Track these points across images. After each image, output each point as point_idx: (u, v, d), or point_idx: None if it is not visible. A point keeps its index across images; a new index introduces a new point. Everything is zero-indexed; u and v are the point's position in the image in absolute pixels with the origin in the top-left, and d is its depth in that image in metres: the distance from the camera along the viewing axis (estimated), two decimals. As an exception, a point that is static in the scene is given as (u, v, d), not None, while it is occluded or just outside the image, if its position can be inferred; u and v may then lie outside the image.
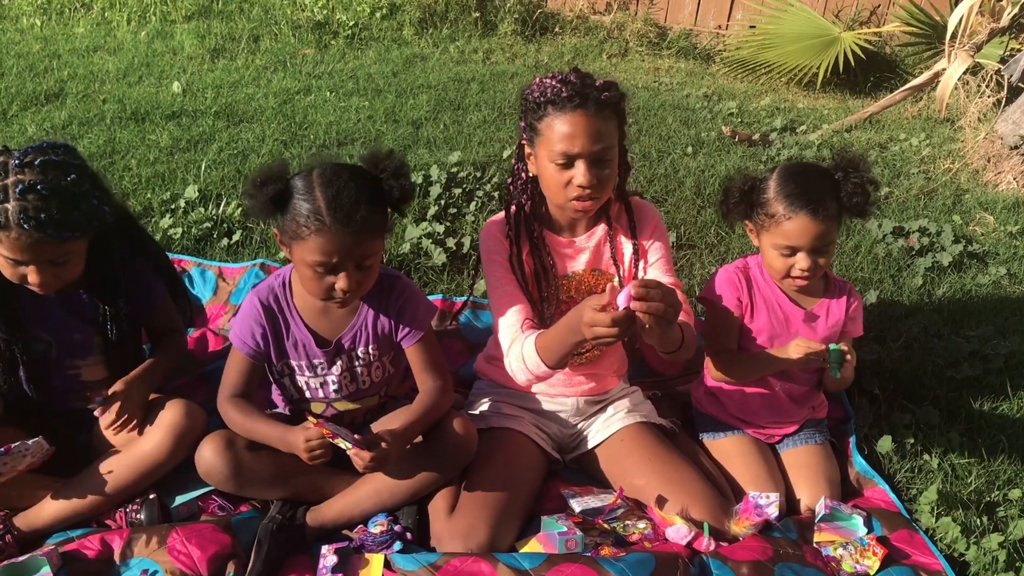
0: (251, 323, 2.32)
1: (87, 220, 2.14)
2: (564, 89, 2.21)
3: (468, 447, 2.36)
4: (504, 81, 6.00)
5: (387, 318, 2.37)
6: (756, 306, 2.55)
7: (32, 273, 2.14)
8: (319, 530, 2.32)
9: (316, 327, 2.35)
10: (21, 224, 2.02)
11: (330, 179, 2.10)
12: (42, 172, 2.06)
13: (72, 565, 2.14)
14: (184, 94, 5.30)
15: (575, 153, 2.24)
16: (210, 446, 2.26)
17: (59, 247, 2.12)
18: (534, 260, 2.45)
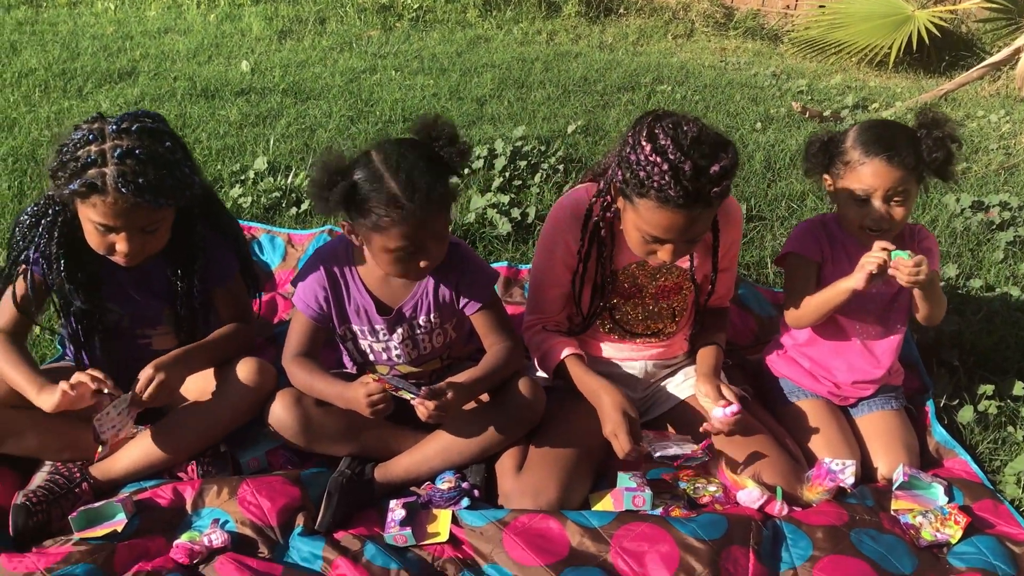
0: (315, 286, 2.33)
1: (180, 188, 2.14)
2: (674, 187, 2.02)
3: (536, 407, 2.34)
4: (568, 60, 5.96)
5: (448, 287, 2.35)
6: (836, 258, 2.50)
7: (121, 241, 2.13)
8: (387, 486, 2.32)
9: (378, 294, 2.35)
10: (119, 188, 2.02)
11: (396, 162, 2.06)
12: (139, 138, 2.07)
13: (145, 513, 2.18)
14: (252, 73, 5.38)
15: (666, 239, 2.18)
16: (281, 402, 2.28)
17: (153, 214, 2.13)
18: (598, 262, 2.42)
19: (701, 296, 2.52)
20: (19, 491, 2.18)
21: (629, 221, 2.23)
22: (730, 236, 2.48)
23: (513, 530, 2.10)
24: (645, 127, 2.11)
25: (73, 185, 2.04)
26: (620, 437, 2.22)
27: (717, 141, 2.09)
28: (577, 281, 2.45)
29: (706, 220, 2.19)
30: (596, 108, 5.03)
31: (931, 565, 2.11)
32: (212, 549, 2.07)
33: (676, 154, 2.03)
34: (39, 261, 2.24)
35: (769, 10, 7.19)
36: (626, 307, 2.51)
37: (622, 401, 2.28)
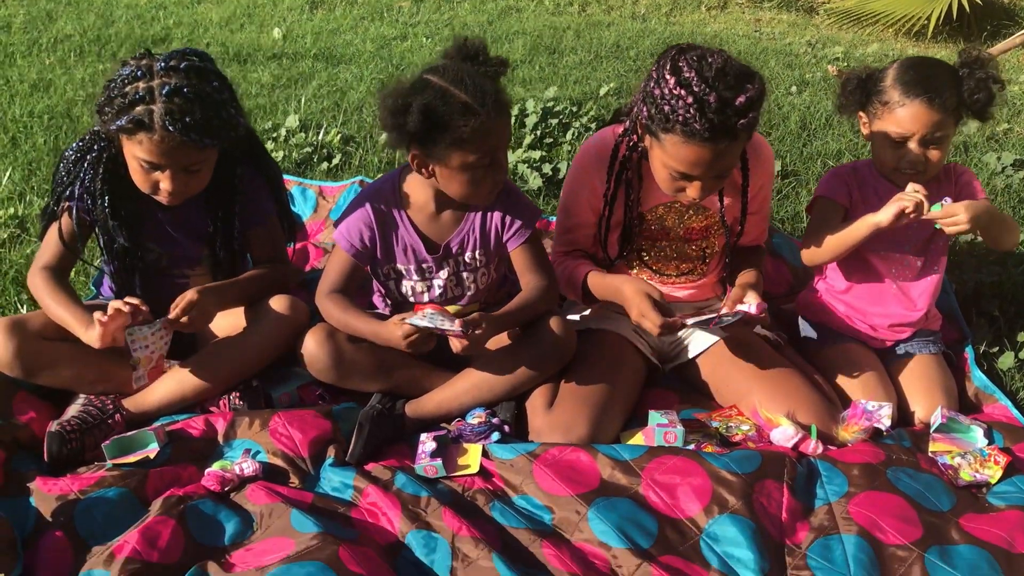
0: (360, 225, 2.32)
1: (226, 128, 2.14)
2: (699, 120, 2.00)
3: (567, 346, 2.32)
4: (600, 30, 5.92)
5: (495, 219, 2.34)
6: (867, 201, 2.45)
7: (166, 180, 2.14)
8: (418, 421, 2.31)
9: (426, 231, 2.34)
10: (166, 126, 2.02)
11: (456, 76, 2.07)
12: (187, 76, 2.06)
13: (177, 442, 2.19)
14: (284, 39, 5.39)
15: (695, 175, 2.16)
16: (313, 337, 2.27)
17: (198, 153, 2.13)
18: (626, 204, 2.40)
19: (731, 237, 2.49)
20: (53, 420, 2.20)
21: (656, 158, 2.20)
22: (760, 177, 2.45)
23: (543, 462, 2.09)
24: (669, 60, 2.09)
25: (120, 121, 2.05)
26: (648, 315, 2.19)
27: (742, 72, 2.06)
28: (603, 224, 2.42)
29: (734, 154, 2.16)
30: (629, 72, 4.99)
31: (970, 503, 2.07)
32: (243, 477, 2.08)
33: (701, 86, 2.01)
34: (83, 197, 2.25)
35: (805, -19, 7.09)
36: (653, 249, 2.48)
37: (643, 285, 2.26)
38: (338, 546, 1.79)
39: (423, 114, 2.03)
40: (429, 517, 1.97)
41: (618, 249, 2.48)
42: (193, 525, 1.92)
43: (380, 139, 3.87)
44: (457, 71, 2.09)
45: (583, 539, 1.93)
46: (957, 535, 1.95)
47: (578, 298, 2.46)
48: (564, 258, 2.52)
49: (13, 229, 3.07)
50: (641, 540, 1.91)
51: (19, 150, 3.67)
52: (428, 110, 2.03)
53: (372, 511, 2.01)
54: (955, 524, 1.98)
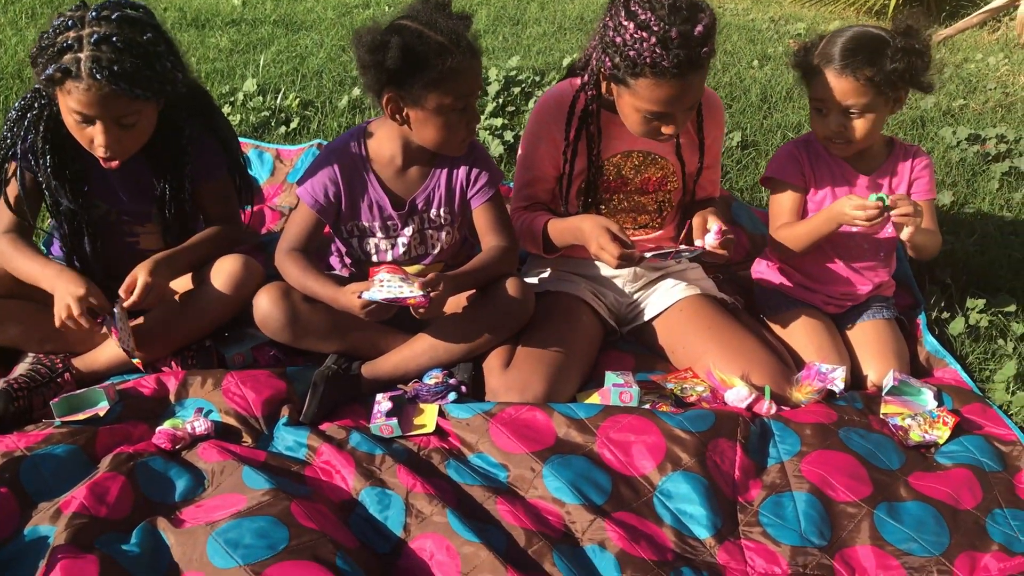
0: (325, 180, 2.29)
1: (160, 81, 2.08)
2: (666, 57, 2.03)
3: (525, 307, 2.32)
4: (564, 3, 5.87)
5: (461, 175, 2.33)
6: (819, 177, 2.48)
7: (99, 133, 2.08)
8: (374, 382, 2.29)
9: (392, 187, 2.33)
10: (93, 74, 1.96)
11: (429, 20, 2.08)
12: (118, 26, 2.01)
13: (128, 400, 2.16)
14: (244, 5, 5.29)
15: (669, 112, 2.17)
16: (267, 295, 2.24)
17: (128, 104, 2.06)
18: (588, 158, 2.40)
19: (688, 184, 2.52)
20: (0, 378, 2.15)
21: (627, 104, 2.21)
22: (714, 127, 2.49)
23: (499, 421, 2.09)
24: (621, 7, 2.12)
25: (49, 70, 1.99)
26: (607, 247, 2.19)
27: (693, 3, 2.09)
28: (565, 177, 2.43)
29: (700, 84, 2.20)
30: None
31: (918, 462, 2.10)
32: (195, 436, 2.06)
33: (660, 25, 2.04)
34: (27, 156, 2.20)
35: (768, -41, 7.10)
36: (611, 200, 2.49)
37: (601, 220, 2.26)
38: (291, 502, 1.78)
39: (401, 51, 2.02)
40: (383, 475, 1.96)
41: (579, 203, 2.47)
42: (143, 481, 1.89)
43: (340, 104, 3.82)
44: (430, 15, 2.09)
45: (537, 496, 1.93)
46: (905, 492, 1.99)
47: (539, 249, 2.45)
48: (523, 212, 2.51)
49: (-41, 188, 2.98)
50: (595, 496, 1.91)
51: (-33, 110, 3.58)
52: (406, 47, 2.02)
53: (326, 469, 2.00)
54: (904, 482, 2.02)
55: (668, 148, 2.45)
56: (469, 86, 2.14)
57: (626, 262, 2.19)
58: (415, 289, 2.07)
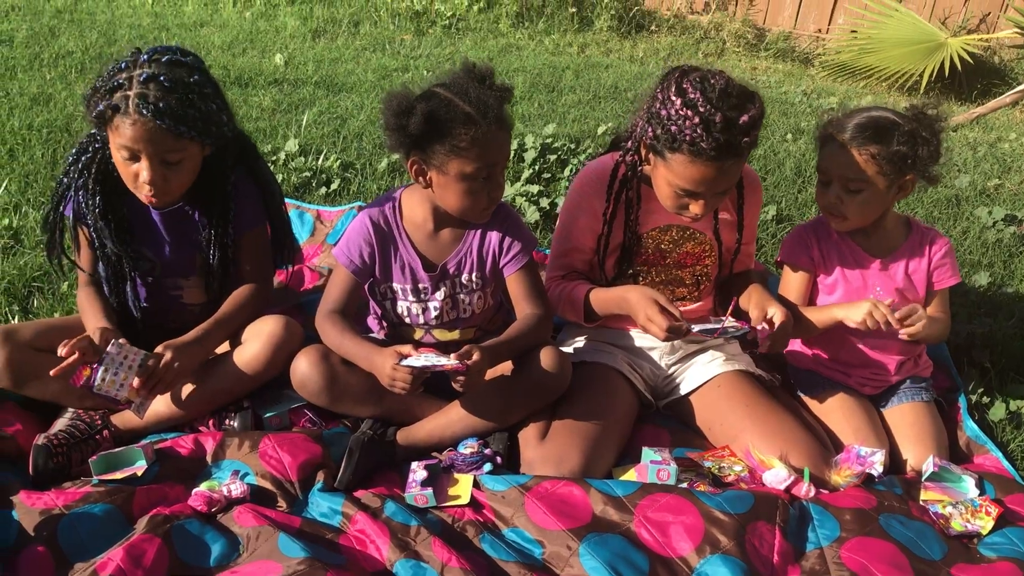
0: (360, 241, 2.32)
1: (204, 121, 2.14)
2: (706, 139, 2.06)
3: (562, 378, 2.31)
4: (599, 71, 5.98)
5: (493, 243, 2.35)
6: (828, 260, 2.49)
7: (144, 170, 2.13)
8: (409, 449, 2.29)
9: (424, 251, 2.35)
10: (140, 109, 2.03)
11: (462, 89, 2.11)
12: (167, 67, 2.09)
13: (166, 461, 2.16)
14: (286, 65, 5.41)
15: (699, 192, 2.20)
16: (306, 358, 2.26)
17: (173, 142, 2.12)
18: (625, 224, 2.42)
19: (725, 259, 2.54)
20: (40, 433, 2.17)
21: (660, 177, 2.24)
22: (753, 206, 2.52)
23: (535, 495, 2.07)
24: (673, 82, 2.15)
25: (100, 106, 2.08)
26: (655, 318, 2.20)
27: (744, 92, 2.12)
28: (601, 245, 2.44)
29: (736, 172, 2.21)
30: (626, 114, 5.03)
31: (961, 553, 2.06)
32: (231, 499, 2.05)
33: (706, 107, 2.06)
34: (78, 200, 2.26)
35: (800, 33, 7.20)
36: (649, 273, 2.50)
37: (648, 290, 2.28)
38: (326, 572, 1.77)
39: (425, 117, 2.06)
40: (418, 546, 1.94)
41: (615, 272, 2.49)
42: (179, 545, 1.89)
43: (379, 167, 3.88)
44: (464, 84, 2.12)
45: (573, 574, 1.91)
46: (949, 584, 1.94)
47: (579, 317, 2.46)
48: (560, 281, 2.52)
49: (7, 240, 3.05)
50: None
51: (16, 162, 3.66)
52: (431, 114, 2.07)
53: (360, 538, 1.99)
54: (946, 573, 1.97)
55: (706, 224, 2.46)
56: (493, 156, 2.15)
57: (674, 334, 2.19)
58: (452, 360, 2.08)
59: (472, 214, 2.26)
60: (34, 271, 2.87)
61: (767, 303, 2.33)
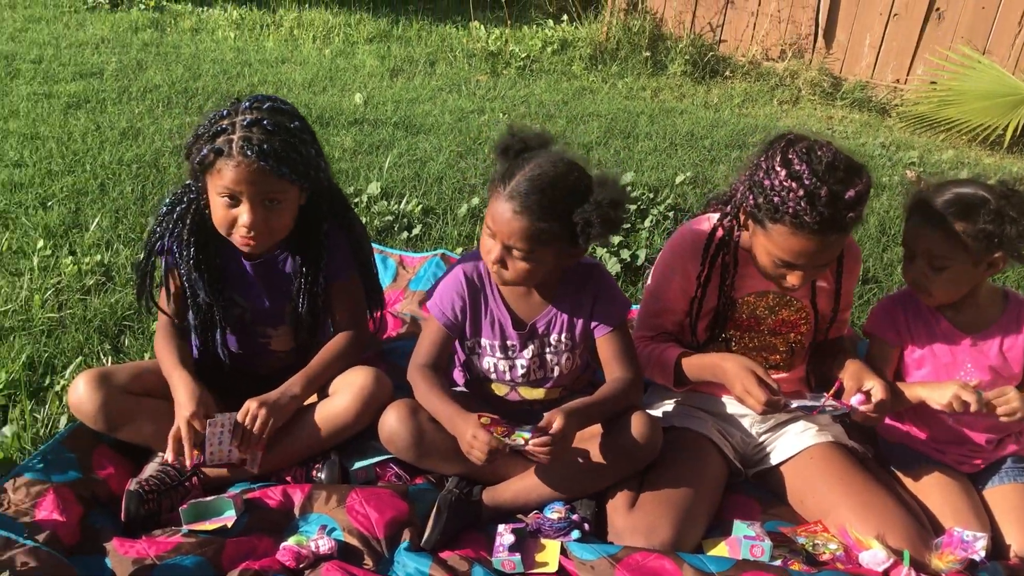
0: (453, 294, 2.32)
1: (305, 166, 2.18)
2: (810, 213, 2.01)
3: (653, 445, 2.26)
4: (674, 116, 5.96)
5: (584, 305, 2.33)
6: (916, 334, 2.41)
7: (245, 212, 2.16)
8: (494, 510, 2.26)
9: (515, 308, 2.34)
10: (243, 150, 2.07)
11: (536, 170, 2.09)
12: (269, 113, 2.15)
13: (254, 511, 2.16)
14: (365, 105, 5.49)
15: (799, 264, 2.16)
16: (395, 413, 2.24)
17: (275, 183, 2.15)
18: (720, 288, 2.39)
19: (821, 327, 2.48)
20: (132, 478, 2.19)
21: (760, 245, 2.20)
22: (851, 275, 2.48)
23: (626, 567, 2.03)
24: (779, 152, 2.11)
25: (203, 151, 2.12)
26: (752, 390, 2.16)
27: (851, 165, 2.07)
28: (695, 308, 2.40)
29: (838, 246, 2.17)
30: (703, 162, 5.00)
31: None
32: (319, 555, 2.04)
33: (812, 179, 2.02)
34: (172, 249, 2.29)
35: (878, 83, 7.10)
36: (743, 339, 2.45)
37: (745, 361, 2.23)
38: (417, 639, 1.74)
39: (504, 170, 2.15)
40: (507, 614, 1.91)
41: (707, 336, 2.45)
42: (268, 602, 1.88)
43: (459, 211, 3.89)
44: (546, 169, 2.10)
45: (667, 654, 1.86)
46: None
47: (669, 381, 2.42)
48: (650, 342, 2.49)
49: (99, 277, 3.11)
50: (728, 661, 1.83)
51: (107, 197, 3.74)
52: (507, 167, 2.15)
53: (447, 603, 1.96)
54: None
55: (803, 292, 2.41)
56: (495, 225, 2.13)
57: (771, 408, 2.14)
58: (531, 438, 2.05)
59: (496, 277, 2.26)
60: (125, 309, 2.92)
61: (864, 375, 2.26)
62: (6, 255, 3.21)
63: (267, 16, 7.54)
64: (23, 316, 2.84)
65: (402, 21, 7.81)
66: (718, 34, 7.44)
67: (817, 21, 7.18)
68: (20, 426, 2.32)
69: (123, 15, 7.11)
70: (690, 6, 7.42)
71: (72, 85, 5.29)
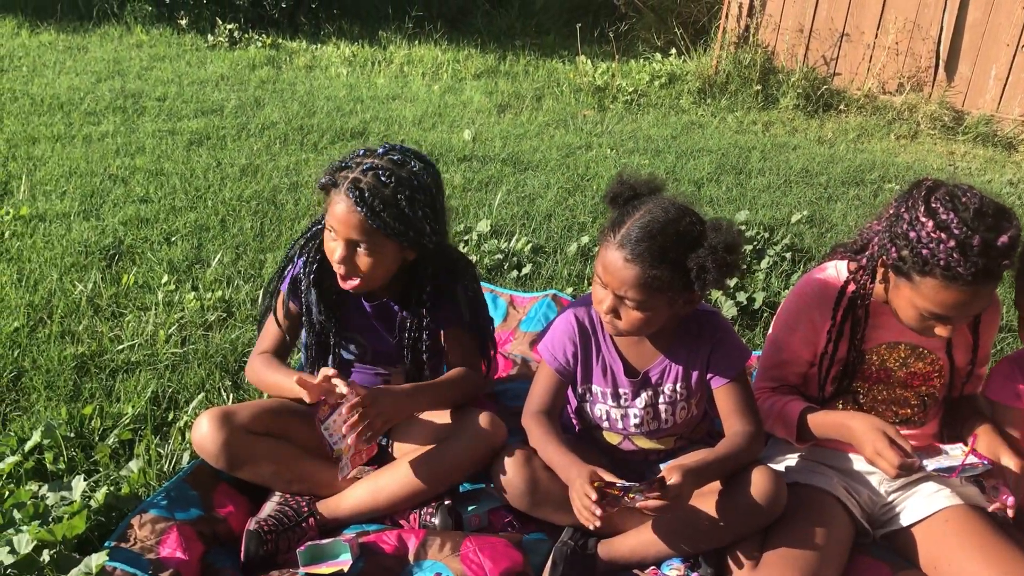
0: (564, 339, 2.29)
1: (404, 224, 2.18)
2: (963, 264, 1.91)
3: (777, 503, 2.17)
4: (787, 152, 5.82)
5: (700, 356, 2.26)
6: None
7: (339, 247, 2.20)
8: (610, 564, 2.20)
9: (627, 355, 2.29)
10: (348, 192, 2.14)
11: (649, 213, 2.05)
12: (393, 164, 2.18)
13: (370, 557, 2.15)
14: (474, 141, 5.53)
15: (946, 315, 2.05)
16: (510, 460, 2.22)
17: (368, 233, 2.17)
18: (851, 342, 2.29)
19: (956, 382, 2.34)
20: (251, 517, 2.21)
21: (904, 298, 2.10)
22: (990, 326, 2.35)
23: (750, 632, 1.94)
24: (920, 201, 2.01)
25: (323, 179, 2.21)
26: (884, 453, 2.05)
27: (1000, 210, 1.97)
28: (825, 364, 2.31)
29: (990, 295, 2.05)
30: (819, 200, 4.85)
31: None
32: (433, 603, 2.02)
33: (961, 229, 1.92)
34: (296, 279, 2.36)
35: (1004, 116, 6.80)
36: (871, 391, 2.34)
37: (876, 421, 2.14)
38: None
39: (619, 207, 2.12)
40: (625, 677, 1.84)
41: (833, 388, 2.35)
42: (386, 653, 1.86)
43: (569, 250, 3.86)
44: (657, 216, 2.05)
45: None
46: None
47: (791, 436, 2.32)
48: (771, 394, 2.40)
49: (220, 313, 3.19)
50: None
51: (228, 233, 3.86)
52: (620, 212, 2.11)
53: (563, 660, 1.91)
54: None
55: (938, 344, 2.29)
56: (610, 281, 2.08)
57: (905, 472, 2.03)
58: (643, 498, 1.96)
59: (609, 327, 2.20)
60: (245, 345, 2.98)
61: (999, 449, 2.14)
62: (132, 290, 3.33)
63: (378, 52, 7.71)
64: (148, 351, 2.93)
65: (509, 56, 7.89)
66: (832, 67, 7.26)
67: (938, 53, 6.93)
68: (145, 461, 2.37)
69: (241, 53, 7.37)
70: (803, 39, 7.27)
71: (194, 122, 5.49)
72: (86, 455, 2.43)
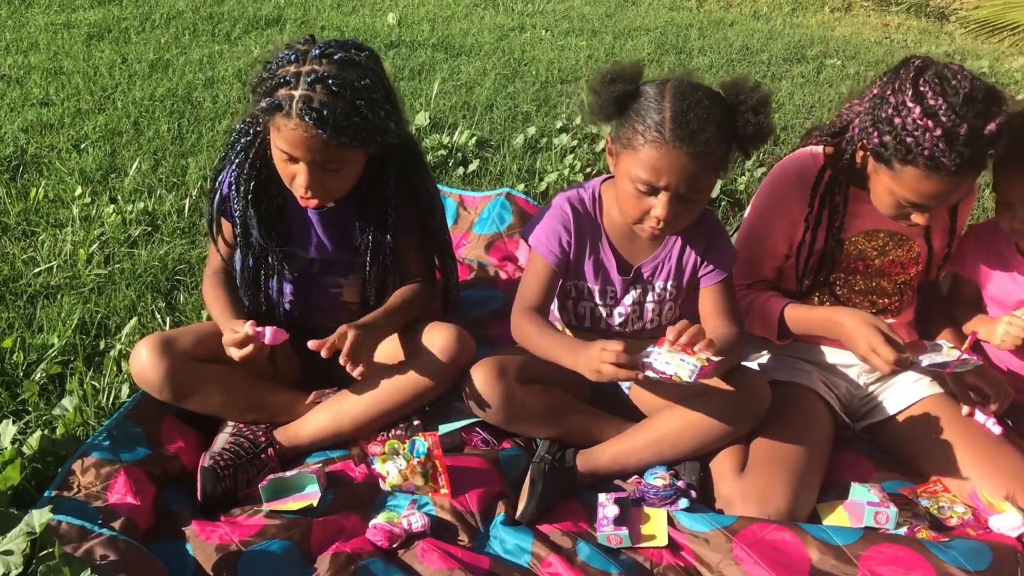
0: (559, 228, 2.12)
1: (369, 131, 1.94)
2: (948, 154, 1.81)
3: (762, 401, 2.10)
4: (724, 28, 5.65)
5: (694, 251, 2.14)
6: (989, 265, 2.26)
7: (301, 174, 1.97)
8: (590, 475, 2.11)
9: (621, 250, 2.16)
10: (302, 115, 1.85)
11: (684, 92, 1.90)
12: (339, 67, 1.89)
13: (339, 487, 2.02)
14: (399, 25, 5.20)
15: (924, 205, 1.95)
16: (482, 374, 2.07)
17: (334, 152, 1.93)
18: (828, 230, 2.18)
19: (933, 267, 2.29)
20: (205, 452, 2.04)
21: (882, 185, 2.00)
22: (967, 205, 2.31)
23: (744, 540, 1.88)
24: (909, 84, 1.87)
25: (263, 103, 1.90)
26: (880, 349, 1.96)
27: (990, 94, 1.84)
28: (803, 254, 2.21)
29: (971, 183, 1.97)
30: (764, 79, 4.72)
31: None
32: (411, 533, 1.90)
33: (950, 116, 1.80)
34: (230, 184, 2.11)
35: (936, -15, 6.71)
36: (848, 282, 2.26)
37: (868, 316, 2.05)
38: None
39: (620, 96, 1.94)
40: (620, 596, 1.77)
41: (810, 281, 2.26)
42: (367, 589, 1.74)
43: (515, 143, 3.65)
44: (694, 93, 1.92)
45: (795, 635, 1.72)
46: None
47: (771, 334, 2.23)
48: (747, 291, 2.30)
49: (145, 227, 2.92)
50: (865, 644, 1.69)
51: (143, 137, 3.54)
52: (628, 96, 1.94)
53: (554, 582, 1.82)
54: None
55: (917, 230, 2.20)
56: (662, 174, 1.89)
57: (900, 368, 1.95)
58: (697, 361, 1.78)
59: (634, 223, 2.02)
60: (176, 263, 2.74)
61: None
62: (43, 204, 3.03)
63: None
64: (69, 273, 2.67)
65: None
66: (764, -63, 7.01)
67: (872, -80, 6.75)
68: (80, 397, 2.16)
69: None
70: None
71: (91, 13, 5.03)
72: (11, 395, 2.20)
